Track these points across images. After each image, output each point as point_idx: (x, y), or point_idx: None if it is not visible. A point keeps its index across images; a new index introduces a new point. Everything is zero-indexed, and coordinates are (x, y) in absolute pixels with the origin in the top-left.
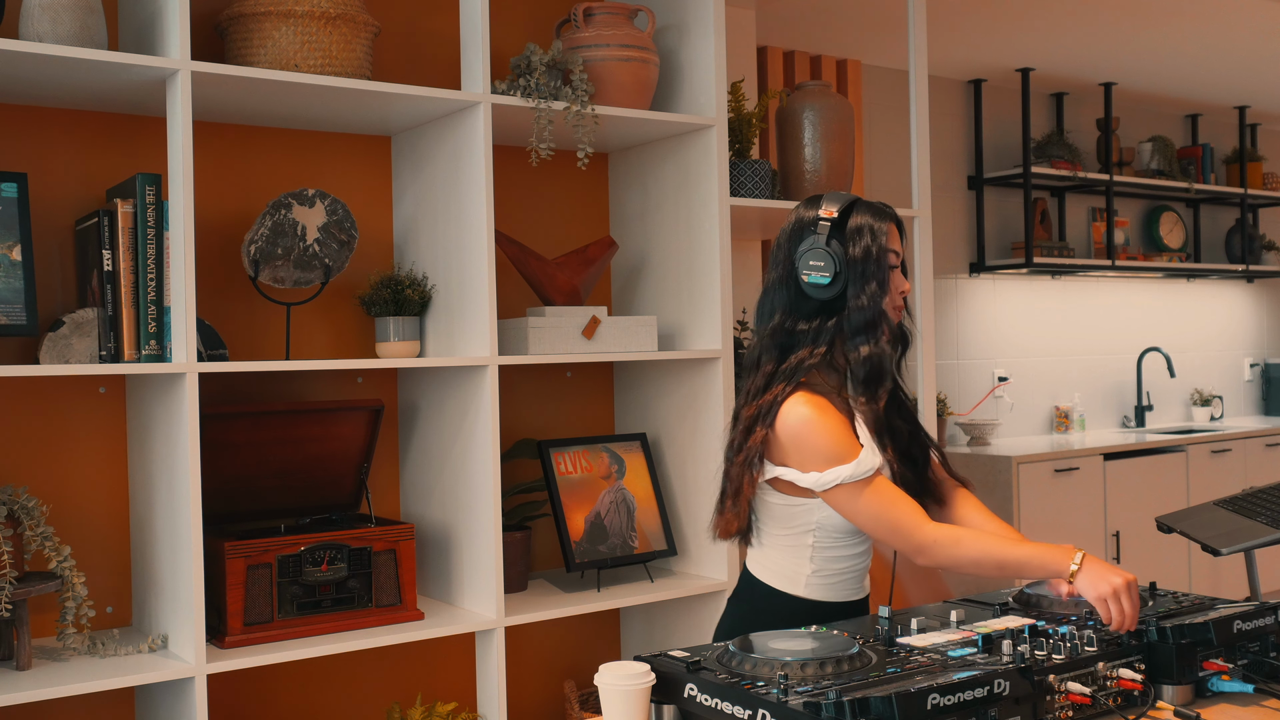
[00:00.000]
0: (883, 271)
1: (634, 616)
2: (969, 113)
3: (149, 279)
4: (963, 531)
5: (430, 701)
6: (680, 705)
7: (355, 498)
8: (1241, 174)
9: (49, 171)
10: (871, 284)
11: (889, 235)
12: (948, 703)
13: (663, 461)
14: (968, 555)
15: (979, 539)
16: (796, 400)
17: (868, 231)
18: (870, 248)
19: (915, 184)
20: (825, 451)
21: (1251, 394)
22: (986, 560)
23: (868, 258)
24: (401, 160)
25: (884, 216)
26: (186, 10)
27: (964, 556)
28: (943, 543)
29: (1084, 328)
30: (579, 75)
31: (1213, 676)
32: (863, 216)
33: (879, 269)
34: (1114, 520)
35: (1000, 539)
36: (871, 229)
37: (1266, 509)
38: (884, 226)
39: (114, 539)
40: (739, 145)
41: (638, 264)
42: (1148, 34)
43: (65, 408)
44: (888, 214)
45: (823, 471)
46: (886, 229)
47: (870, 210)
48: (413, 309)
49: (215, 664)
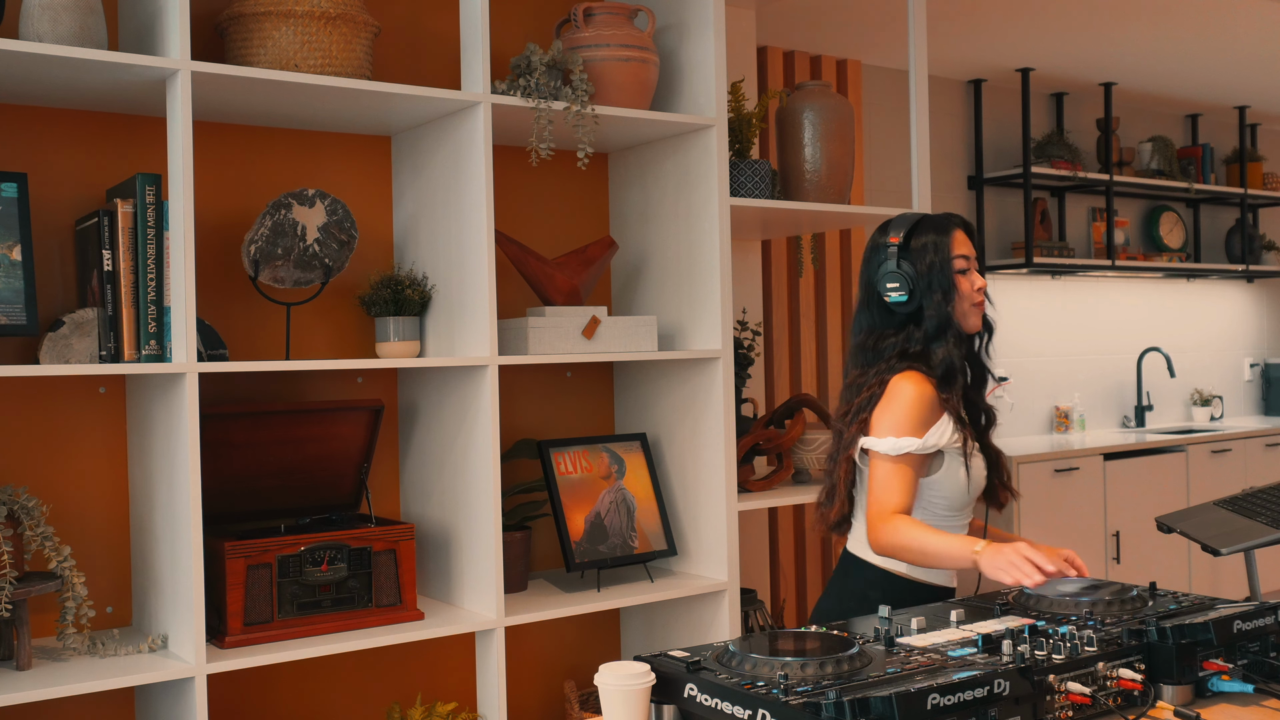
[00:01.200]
0: (947, 281)
1: (634, 616)
2: (969, 113)
3: (149, 279)
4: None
5: (430, 701)
6: (680, 705)
7: (355, 498)
8: (1241, 174)
9: (49, 171)
10: (938, 294)
11: (952, 244)
12: (948, 703)
13: (663, 461)
14: (899, 540)
15: (912, 528)
16: (903, 376)
17: (931, 248)
18: (934, 261)
19: (915, 184)
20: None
21: (1251, 394)
22: (914, 545)
23: (932, 271)
24: (401, 160)
25: (946, 229)
26: (186, 10)
27: (897, 541)
28: (886, 528)
29: (1084, 328)
30: (579, 75)
31: (1213, 676)
32: (925, 235)
33: (944, 279)
34: (1114, 520)
35: (930, 532)
36: (935, 244)
37: (1266, 509)
38: (946, 240)
39: (114, 539)
40: (739, 145)
41: (638, 264)
42: (1148, 34)
43: (65, 408)
44: (950, 225)
45: (897, 438)
46: (948, 241)
47: (932, 226)
48: (413, 309)
49: (215, 664)
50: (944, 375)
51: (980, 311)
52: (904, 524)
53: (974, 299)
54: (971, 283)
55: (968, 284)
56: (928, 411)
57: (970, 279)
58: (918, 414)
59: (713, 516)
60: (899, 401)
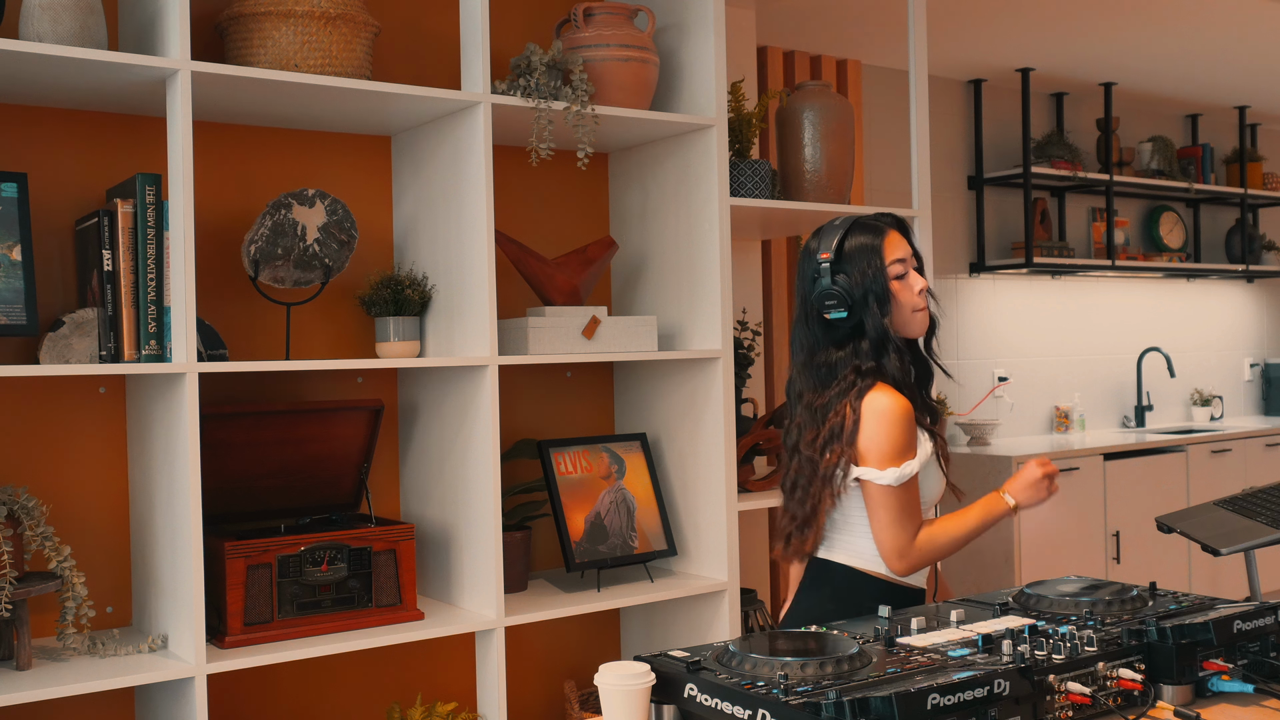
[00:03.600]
0: (882, 291)
1: (634, 616)
2: (969, 113)
3: (149, 279)
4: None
5: (430, 701)
6: (680, 705)
7: (355, 498)
8: (1241, 174)
9: (49, 171)
10: (873, 304)
11: (886, 249)
12: (948, 703)
13: (663, 461)
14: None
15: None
16: (875, 393)
17: (864, 254)
18: (867, 270)
19: (915, 184)
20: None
21: (1251, 394)
22: (959, 540)
23: (866, 282)
24: (401, 160)
25: (878, 232)
26: (186, 10)
27: (936, 552)
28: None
29: (1084, 328)
30: (579, 75)
31: (1213, 676)
32: (856, 239)
33: (879, 290)
34: (1114, 520)
35: (953, 519)
36: (867, 249)
37: (1266, 509)
38: (879, 243)
39: (114, 539)
40: (739, 145)
41: (638, 264)
42: (1148, 34)
43: (65, 408)
44: (882, 226)
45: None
46: (881, 244)
47: (863, 230)
48: (413, 309)
49: (215, 664)
50: (900, 383)
51: (924, 316)
52: (929, 533)
53: (915, 304)
54: (911, 287)
55: (906, 290)
56: (912, 426)
57: (909, 283)
58: (905, 433)
59: (713, 516)
60: (885, 424)
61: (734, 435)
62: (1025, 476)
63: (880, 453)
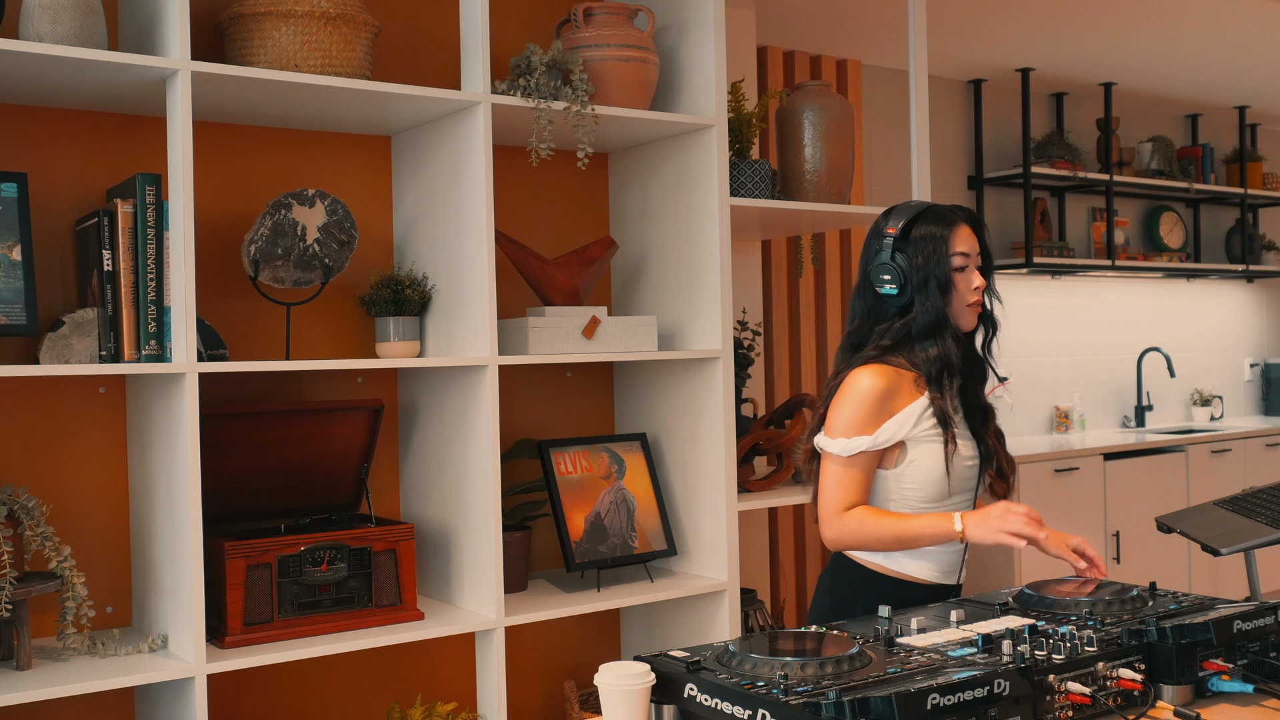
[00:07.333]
0: (942, 277)
1: (634, 616)
2: (969, 113)
3: (149, 279)
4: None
5: (430, 701)
6: (680, 705)
7: (355, 498)
8: (1241, 174)
9: (49, 171)
10: (934, 290)
11: (952, 240)
12: (948, 703)
13: (663, 461)
14: (859, 532)
15: (872, 517)
16: (860, 370)
17: (930, 241)
18: (931, 256)
19: (915, 184)
20: (846, 420)
21: (1251, 394)
22: (893, 537)
23: (927, 266)
24: (401, 160)
25: (950, 222)
26: (186, 10)
27: (858, 533)
28: (838, 522)
29: (1084, 328)
30: (579, 75)
31: (1213, 676)
32: (926, 226)
33: (939, 276)
34: (1114, 520)
35: (897, 516)
36: (934, 237)
37: (1266, 509)
38: (947, 233)
39: (114, 539)
40: (739, 145)
41: (638, 264)
42: (1148, 34)
43: (65, 408)
44: (956, 218)
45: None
46: (949, 235)
47: (936, 218)
48: (413, 309)
49: (215, 664)
50: (936, 374)
51: (976, 311)
52: (860, 514)
53: (969, 298)
54: (968, 282)
55: (965, 282)
56: (880, 406)
57: (968, 277)
58: (869, 410)
59: (713, 516)
60: (851, 398)
61: (734, 435)
62: (988, 511)
63: (835, 423)
